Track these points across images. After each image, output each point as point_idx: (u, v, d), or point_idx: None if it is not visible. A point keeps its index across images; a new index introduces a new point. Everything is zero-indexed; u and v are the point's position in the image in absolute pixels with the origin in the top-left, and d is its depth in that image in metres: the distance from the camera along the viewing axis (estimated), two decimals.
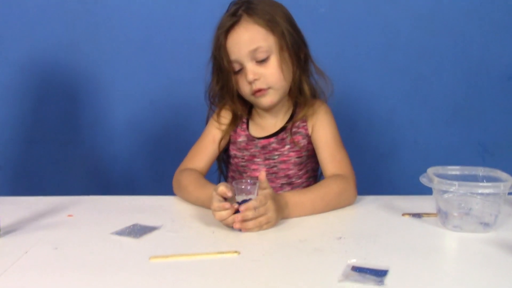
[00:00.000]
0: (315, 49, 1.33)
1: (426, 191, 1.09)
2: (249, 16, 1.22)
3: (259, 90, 1.25)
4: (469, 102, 1.94)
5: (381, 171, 1.99)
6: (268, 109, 1.32)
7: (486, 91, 1.93)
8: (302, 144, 1.31)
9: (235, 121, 1.35)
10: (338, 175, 1.21)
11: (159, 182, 1.89)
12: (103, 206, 1.21)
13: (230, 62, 1.25)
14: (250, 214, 1.00)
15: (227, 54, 1.24)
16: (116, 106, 1.98)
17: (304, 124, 1.31)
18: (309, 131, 1.31)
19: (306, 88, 1.31)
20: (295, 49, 1.26)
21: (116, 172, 2.02)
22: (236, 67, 1.25)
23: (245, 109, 1.35)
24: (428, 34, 1.90)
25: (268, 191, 1.04)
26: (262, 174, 1.05)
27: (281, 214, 1.06)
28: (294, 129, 1.31)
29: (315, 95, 1.35)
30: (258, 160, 1.33)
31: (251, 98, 1.29)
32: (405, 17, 1.89)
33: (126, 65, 1.95)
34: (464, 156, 1.94)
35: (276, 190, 1.28)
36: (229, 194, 1.04)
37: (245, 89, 1.27)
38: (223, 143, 1.35)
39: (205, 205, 1.16)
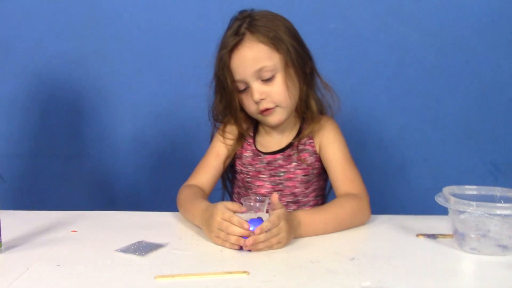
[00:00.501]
0: (324, 65, 1.31)
1: (437, 211, 1.06)
2: (252, 34, 1.20)
3: (266, 110, 1.23)
4: (481, 120, 1.92)
5: (390, 190, 1.95)
6: (276, 127, 1.29)
7: (498, 109, 1.91)
8: (309, 162, 1.28)
9: (241, 138, 1.33)
10: (351, 194, 1.18)
11: (165, 198, 1.85)
12: (108, 222, 1.19)
13: (234, 82, 1.23)
14: (262, 237, 0.97)
15: (231, 74, 1.22)
16: (122, 120, 1.97)
17: (311, 141, 1.29)
18: (316, 148, 1.28)
19: (313, 103, 1.29)
20: (301, 64, 1.24)
21: (122, 187, 2.00)
22: (241, 86, 1.23)
23: (251, 125, 1.34)
24: (439, 52, 1.88)
25: (281, 211, 1.01)
26: (274, 197, 1.02)
27: (293, 234, 1.03)
28: (300, 146, 1.29)
29: (322, 110, 1.33)
30: (263, 176, 1.30)
31: (258, 117, 1.27)
32: (416, 34, 1.88)
33: (133, 79, 1.94)
34: (476, 176, 1.91)
35: None
36: (242, 210, 1.02)
37: (252, 108, 1.25)
38: (228, 160, 1.33)
39: (196, 221, 1.12)
